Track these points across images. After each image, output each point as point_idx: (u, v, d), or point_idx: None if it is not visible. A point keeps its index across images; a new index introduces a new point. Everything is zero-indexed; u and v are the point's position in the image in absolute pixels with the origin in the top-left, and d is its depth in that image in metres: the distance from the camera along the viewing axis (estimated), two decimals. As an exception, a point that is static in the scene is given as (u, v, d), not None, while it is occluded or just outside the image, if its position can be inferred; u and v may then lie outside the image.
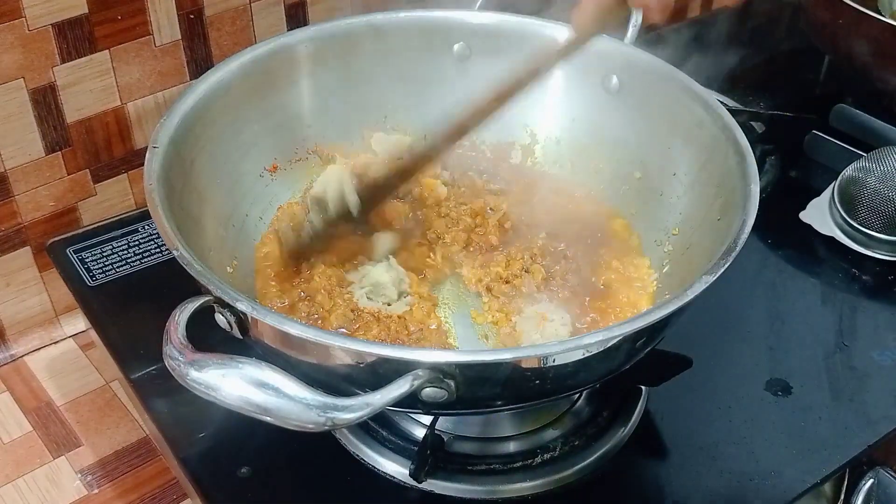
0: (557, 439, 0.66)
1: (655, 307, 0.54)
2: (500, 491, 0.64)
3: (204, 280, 0.53)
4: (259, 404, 0.47)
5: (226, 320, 0.54)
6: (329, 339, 0.51)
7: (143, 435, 0.77)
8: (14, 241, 0.81)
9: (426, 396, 0.50)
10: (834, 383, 0.73)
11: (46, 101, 0.78)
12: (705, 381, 0.71)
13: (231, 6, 0.84)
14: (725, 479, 0.65)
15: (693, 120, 0.70)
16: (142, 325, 0.73)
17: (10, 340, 0.84)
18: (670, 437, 0.68)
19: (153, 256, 0.83)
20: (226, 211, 0.70)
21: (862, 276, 0.83)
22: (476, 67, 0.80)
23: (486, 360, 0.51)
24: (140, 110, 0.83)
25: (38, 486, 0.73)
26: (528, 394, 0.55)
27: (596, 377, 0.58)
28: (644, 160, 0.76)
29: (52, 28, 0.75)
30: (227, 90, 0.71)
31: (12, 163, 0.78)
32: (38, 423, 0.78)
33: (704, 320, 0.74)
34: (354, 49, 0.78)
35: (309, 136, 0.78)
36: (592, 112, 0.78)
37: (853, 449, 0.68)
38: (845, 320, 0.78)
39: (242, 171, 0.73)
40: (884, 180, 0.82)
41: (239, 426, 0.66)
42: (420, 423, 0.67)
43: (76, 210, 0.84)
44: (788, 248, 0.86)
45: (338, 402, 0.47)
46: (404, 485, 0.64)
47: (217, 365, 0.48)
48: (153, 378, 0.71)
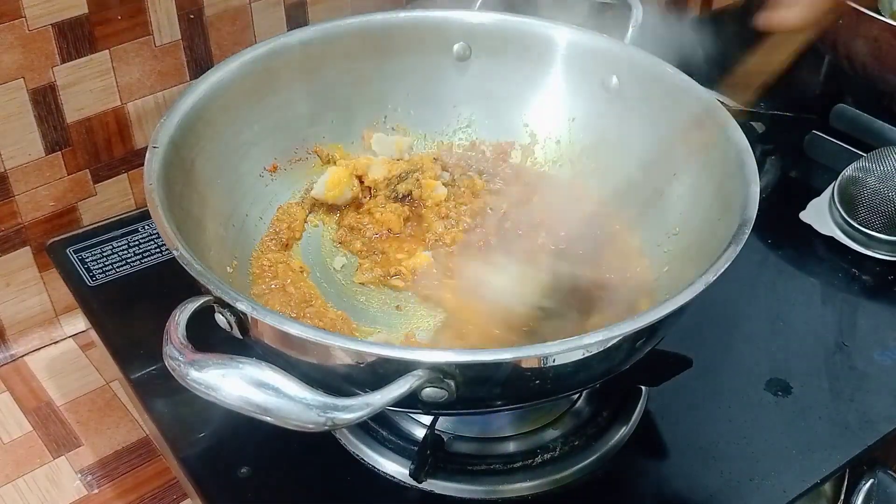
0: (557, 439, 0.66)
1: (655, 307, 0.54)
2: (500, 491, 0.64)
3: (204, 280, 0.53)
4: (259, 404, 0.47)
5: (226, 320, 0.54)
6: (329, 339, 0.51)
7: (143, 435, 0.77)
8: (14, 241, 0.81)
9: (426, 396, 0.50)
10: (834, 383, 0.73)
11: (46, 100, 0.78)
12: (705, 381, 0.71)
13: (231, 6, 0.84)
14: (725, 479, 0.65)
15: (694, 119, 0.70)
16: (142, 325, 0.73)
17: (10, 340, 0.84)
18: (670, 437, 0.69)
19: (153, 256, 0.83)
20: (226, 211, 0.70)
21: (862, 276, 0.83)
22: (476, 67, 0.80)
23: (486, 360, 0.51)
24: (140, 110, 0.83)
25: (38, 486, 0.73)
26: (528, 394, 0.55)
27: (596, 377, 0.58)
28: (644, 160, 0.75)
29: (52, 28, 0.75)
30: (227, 90, 0.71)
31: (12, 163, 0.78)
32: (38, 423, 0.78)
33: (704, 320, 0.74)
34: (354, 49, 0.78)
35: (309, 136, 0.78)
36: (592, 112, 0.78)
37: (853, 449, 0.68)
38: (845, 320, 0.78)
39: (242, 171, 0.73)
40: (884, 180, 0.82)
41: (239, 426, 0.66)
42: (420, 423, 0.67)
43: (76, 210, 0.84)
44: (788, 248, 0.86)
45: (338, 402, 0.47)
46: (404, 485, 0.64)
47: (217, 365, 0.48)
48: (153, 378, 0.71)
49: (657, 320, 0.53)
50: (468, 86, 0.81)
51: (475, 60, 0.80)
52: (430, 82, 0.80)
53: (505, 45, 0.79)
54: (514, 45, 0.79)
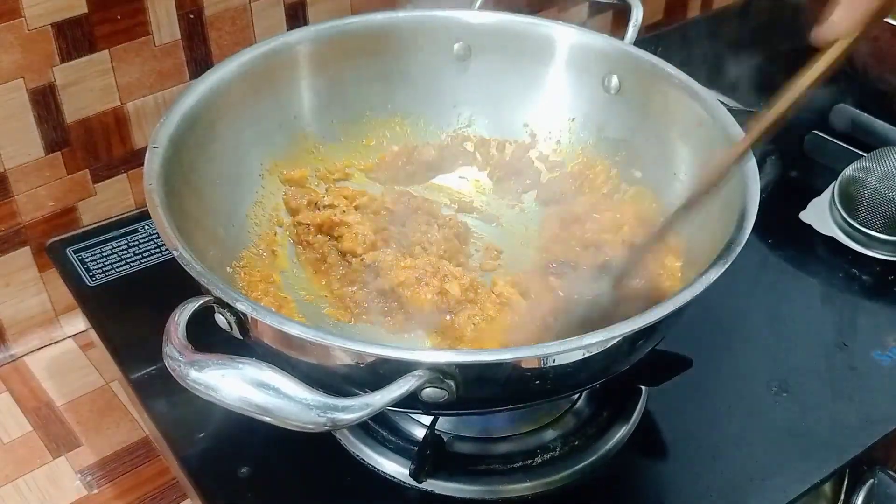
0: (557, 439, 0.66)
1: (655, 307, 0.54)
2: (500, 491, 0.64)
3: (204, 280, 0.53)
4: (259, 405, 0.47)
5: (226, 321, 0.54)
6: (329, 339, 0.51)
7: (143, 435, 0.77)
8: (14, 241, 0.81)
9: (426, 397, 0.50)
10: (834, 383, 0.73)
11: (46, 100, 0.78)
12: (705, 381, 0.71)
13: (231, 6, 0.84)
14: (726, 479, 0.65)
15: (693, 120, 0.70)
16: (142, 325, 0.73)
17: (9, 340, 0.84)
18: (670, 437, 0.69)
19: (153, 256, 0.83)
20: (226, 211, 0.70)
21: (862, 276, 0.83)
22: (476, 67, 0.80)
23: (486, 361, 0.51)
24: (140, 110, 0.83)
25: (38, 486, 0.73)
26: (528, 394, 0.55)
27: (596, 377, 0.58)
28: (644, 160, 0.76)
29: (52, 28, 0.75)
30: (227, 90, 0.71)
31: (12, 163, 0.78)
32: (38, 423, 0.78)
33: (704, 320, 0.74)
34: (354, 49, 0.78)
35: (309, 137, 0.78)
36: (592, 112, 0.78)
37: (853, 449, 0.68)
38: (845, 320, 0.78)
39: (242, 172, 0.73)
40: (884, 180, 0.82)
41: (239, 426, 0.65)
42: (420, 423, 0.67)
43: (76, 210, 0.84)
44: (788, 248, 0.86)
45: (338, 403, 0.47)
46: (404, 485, 0.64)
47: (217, 365, 0.48)
48: (153, 378, 0.71)
49: (657, 320, 0.53)
50: (468, 85, 0.81)
51: (475, 60, 0.80)
52: (431, 82, 0.80)
53: (505, 45, 0.79)
54: (514, 45, 0.79)
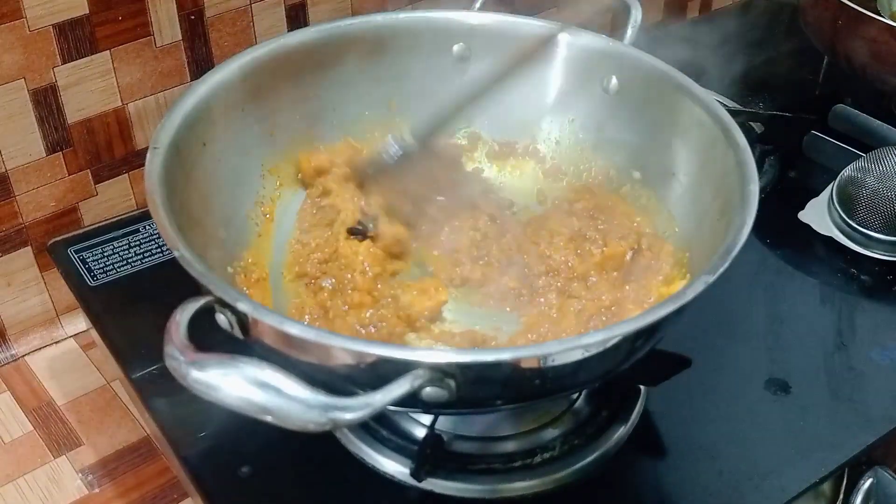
0: (557, 439, 0.66)
1: (655, 307, 0.54)
2: (500, 490, 0.64)
3: (205, 280, 0.53)
4: (260, 404, 0.47)
5: (227, 320, 0.54)
6: (329, 339, 0.51)
7: (144, 434, 0.77)
8: (15, 241, 0.81)
9: (427, 396, 0.50)
10: (833, 383, 0.73)
11: (47, 101, 0.78)
12: (705, 381, 0.71)
13: (232, 7, 0.85)
14: (725, 478, 0.65)
15: (693, 120, 0.70)
16: (143, 325, 0.73)
17: (10, 340, 0.84)
18: (669, 437, 0.69)
19: (154, 257, 0.83)
20: (226, 211, 0.70)
21: (861, 276, 0.83)
22: (476, 67, 0.80)
23: (486, 360, 0.51)
24: (141, 111, 0.83)
25: (39, 486, 0.73)
26: (528, 393, 0.55)
27: (595, 377, 0.58)
28: (644, 160, 0.76)
29: (53, 28, 0.75)
30: (228, 91, 0.71)
31: (13, 163, 0.78)
32: (39, 422, 0.78)
33: (704, 320, 0.74)
34: (354, 50, 0.78)
35: (309, 137, 0.78)
36: (592, 112, 0.78)
37: (852, 449, 0.68)
38: (844, 320, 0.79)
39: (243, 172, 0.73)
40: (883, 180, 0.83)
41: (239, 426, 0.65)
42: (420, 422, 0.67)
43: (77, 210, 0.84)
44: (787, 248, 0.86)
45: (339, 402, 0.47)
46: (404, 484, 0.64)
47: (218, 365, 0.48)
48: (154, 378, 0.71)
49: (657, 320, 0.53)
50: (468, 86, 0.81)
51: (475, 61, 0.80)
52: (430, 82, 0.80)
53: (505, 46, 0.79)
54: (514, 46, 0.79)
